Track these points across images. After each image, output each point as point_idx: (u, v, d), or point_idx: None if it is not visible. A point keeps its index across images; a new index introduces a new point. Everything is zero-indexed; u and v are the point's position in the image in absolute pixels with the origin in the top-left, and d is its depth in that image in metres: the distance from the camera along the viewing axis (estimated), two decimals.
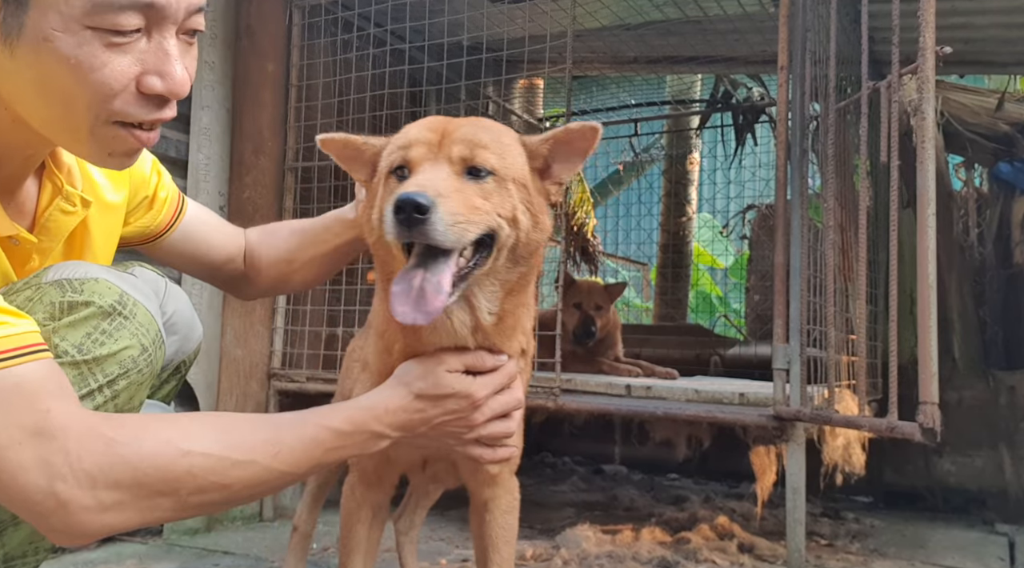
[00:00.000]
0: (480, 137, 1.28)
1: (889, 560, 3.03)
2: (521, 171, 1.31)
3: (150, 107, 1.15)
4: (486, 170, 1.25)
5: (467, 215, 1.18)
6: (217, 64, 3.30)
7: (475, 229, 1.20)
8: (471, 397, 1.32)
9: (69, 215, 1.35)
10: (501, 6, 3.61)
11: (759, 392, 3.05)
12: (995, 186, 4.45)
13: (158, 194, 1.66)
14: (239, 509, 3.29)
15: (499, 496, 1.55)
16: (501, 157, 1.28)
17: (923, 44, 2.19)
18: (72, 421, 1.04)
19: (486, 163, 1.25)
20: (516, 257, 1.31)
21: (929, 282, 2.16)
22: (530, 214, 1.30)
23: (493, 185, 1.25)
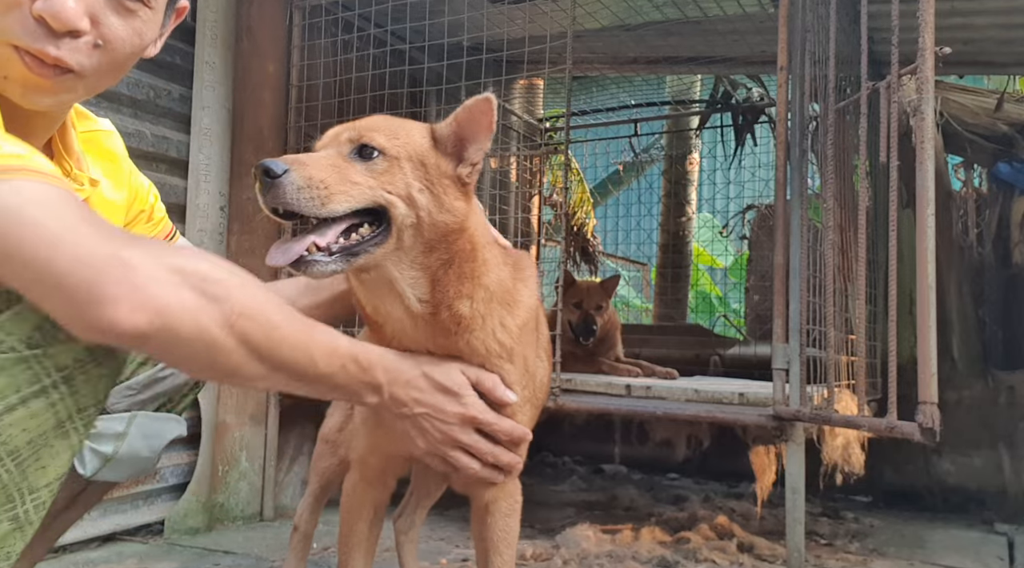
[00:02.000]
0: (374, 122, 1.35)
1: (888, 560, 3.03)
2: (418, 150, 1.33)
3: (37, 35, 1.13)
4: (375, 149, 1.30)
5: (332, 185, 1.23)
6: (217, 64, 3.31)
7: (344, 199, 1.25)
8: (465, 408, 1.31)
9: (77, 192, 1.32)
10: (501, 7, 3.62)
11: (759, 392, 3.05)
12: (994, 186, 4.46)
13: (155, 212, 1.69)
14: (240, 509, 3.29)
15: (500, 499, 1.54)
16: (392, 137, 1.32)
17: (922, 44, 2.20)
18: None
19: (372, 141, 1.30)
20: (426, 240, 1.32)
21: (928, 282, 2.16)
22: (430, 193, 1.31)
23: (383, 164, 1.30)
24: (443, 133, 1.37)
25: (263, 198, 1.23)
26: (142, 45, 1.27)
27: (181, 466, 3.23)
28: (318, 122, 3.46)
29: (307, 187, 1.21)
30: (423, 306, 1.34)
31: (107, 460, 1.53)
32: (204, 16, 3.28)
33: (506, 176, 5.20)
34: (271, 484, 3.41)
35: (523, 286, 1.47)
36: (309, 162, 1.25)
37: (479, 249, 1.38)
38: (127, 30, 1.21)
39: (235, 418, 3.29)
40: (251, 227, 3.30)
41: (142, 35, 1.25)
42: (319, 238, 1.24)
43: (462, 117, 1.35)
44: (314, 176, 1.22)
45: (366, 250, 1.28)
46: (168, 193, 3.21)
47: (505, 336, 1.41)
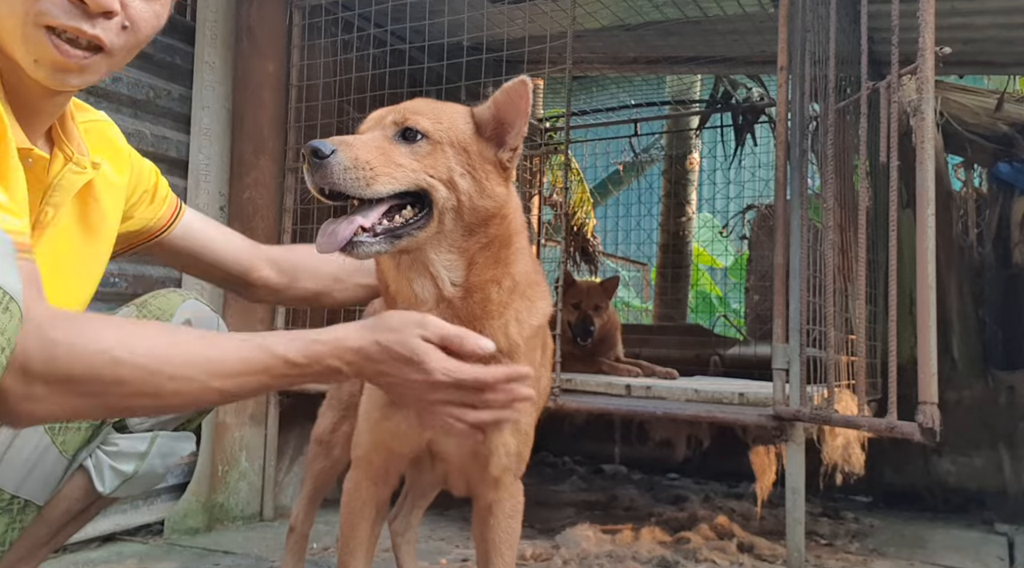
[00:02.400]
0: (418, 106, 1.37)
1: (888, 560, 3.03)
2: (460, 135, 1.34)
3: (73, 14, 1.19)
4: (418, 133, 1.31)
5: (378, 166, 1.26)
6: (218, 64, 3.31)
7: (388, 181, 1.27)
8: (428, 375, 1.23)
9: (79, 174, 1.39)
10: (501, 7, 3.62)
11: (759, 392, 3.05)
12: (994, 186, 4.46)
13: (158, 190, 1.70)
14: (239, 509, 3.29)
15: (503, 500, 1.53)
16: (436, 121, 1.33)
17: (922, 44, 2.20)
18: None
19: (417, 125, 1.31)
20: (466, 224, 1.33)
21: (928, 282, 2.16)
22: (471, 178, 1.33)
23: (427, 147, 1.31)
24: (484, 117, 1.37)
25: (311, 178, 1.26)
26: (159, 26, 1.37)
27: (181, 466, 3.23)
28: (318, 122, 3.46)
29: (353, 168, 1.24)
30: (456, 289, 1.35)
31: (127, 479, 1.56)
32: (204, 16, 3.28)
33: None
34: (271, 484, 3.41)
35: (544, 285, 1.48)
36: (356, 143, 1.27)
37: (515, 236, 1.39)
38: (150, 12, 1.32)
39: (235, 418, 3.29)
40: (251, 226, 3.30)
41: (160, 17, 1.36)
42: (363, 220, 1.26)
43: (501, 100, 1.35)
44: (360, 157, 1.25)
45: (409, 233, 1.30)
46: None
47: (517, 332, 1.39)
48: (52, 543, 1.57)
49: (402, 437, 1.46)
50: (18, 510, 1.47)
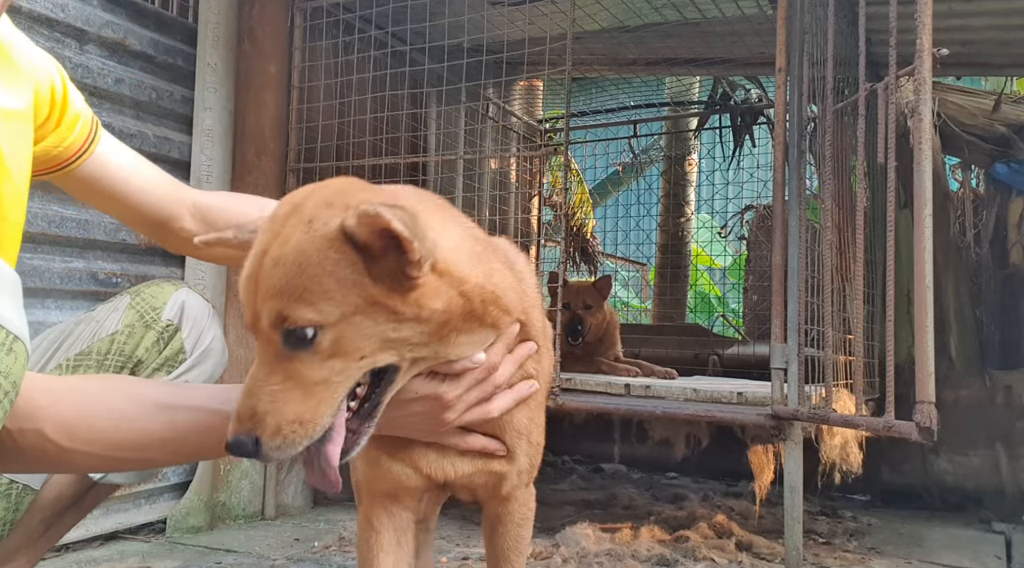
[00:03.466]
0: (289, 285, 0.99)
1: (886, 558, 3.05)
2: (360, 293, 1.01)
3: None
4: (309, 330, 1.00)
5: (303, 412, 1.01)
6: (219, 66, 3.32)
7: (325, 413, 1.03)
8: (439, 399, 1.18)
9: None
10: (501, 9, 3.63)
11: (757, 391, 3.07)
12: (992, 187, 4.47)
13: (69, 101, 1.39)
14: (241, 508, 3.31)
15: (513, 510, 1.47)
16: (321, 300, 0.99)
17: (920, 46, 2.21)
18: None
19: (300, 322, 0.99)
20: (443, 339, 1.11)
21: (926, 282, 2.18)
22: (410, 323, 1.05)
23: (328, 339, 1.00)
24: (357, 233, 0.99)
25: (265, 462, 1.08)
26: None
27: (183, 465, 3.24)
28: (319, 123, 3.48)
29: (287, 442, 1.01)
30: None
31: None
32: (206, 18, 3.29)
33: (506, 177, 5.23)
34: (272, 483, 3.42)
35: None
36: (262, 406, 1.01)
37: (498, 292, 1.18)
38: None
39: None
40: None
41: None
42: (333, 445, 1.07)
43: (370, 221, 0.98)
44: (281, 425, 1.00)
45: (379, 401, 1.10)
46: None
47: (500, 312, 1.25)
48: (48, 535, 1.57)
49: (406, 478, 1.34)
50: (16, 495, 1.47)
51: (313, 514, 3.52)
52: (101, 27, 2.93)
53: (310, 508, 3.61)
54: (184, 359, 1.62)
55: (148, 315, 1.61)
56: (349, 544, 2.98)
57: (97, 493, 1.63)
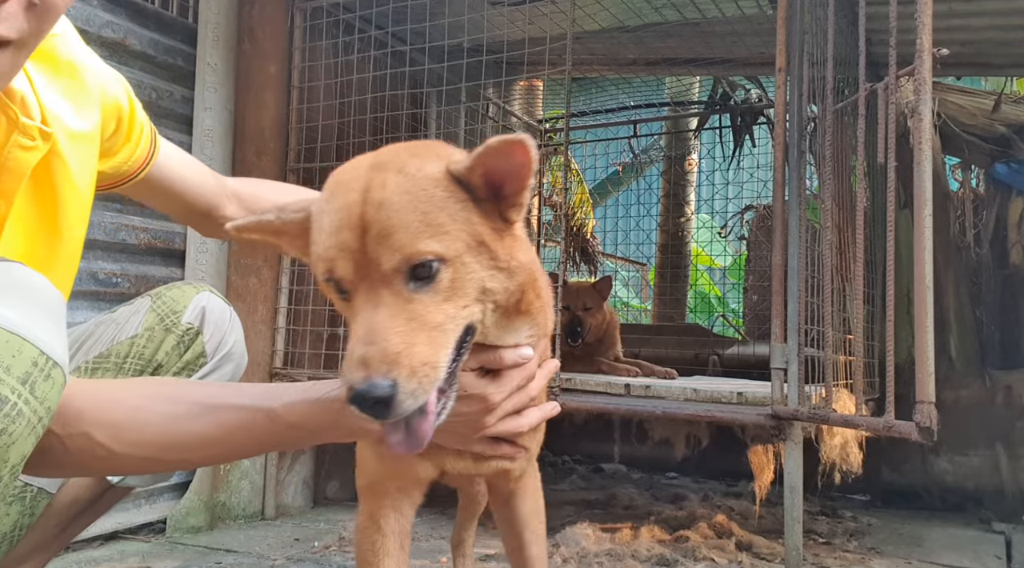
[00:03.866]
0: (407, 223, 0.98)
1: (886, 558, 3.05)
2: (469, 230, 1.02)
3: None
4: (432, 264, 0.99)
5: (430, 355, 0.97)
6: (219, 66, 3.32)
7: (444, 355, 0.99)
8: (486, 400, 1.17)
9: (29, 151, 1.16)
10: (501, 9, 3.63)
11: (757, 391, 3.07)
12: (992, 187, 4.47)
13: (136, 117, 1.47)
14: (241, 508, 3.31)
15: (528, 484, 1.49)
16: (440, 234, 0.99)
17: (920, 46, 2.21)
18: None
19: (425, 256, 0.98)
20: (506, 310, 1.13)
21: (926, 282, 2.18)
22: (501, 273, 1.06)
23: (447, 277, 1.00)
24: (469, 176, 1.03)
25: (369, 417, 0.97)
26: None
27: None
28: (319, 123, 3.48)
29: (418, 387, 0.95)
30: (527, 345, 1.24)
31: None
32: (206, 18, 3.29)
33: None
34: (272, 483, 3.43)
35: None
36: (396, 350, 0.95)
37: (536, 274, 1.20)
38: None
39: None
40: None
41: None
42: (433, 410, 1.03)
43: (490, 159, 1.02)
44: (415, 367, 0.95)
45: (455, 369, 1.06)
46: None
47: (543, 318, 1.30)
48: (62, 537, 1.57)
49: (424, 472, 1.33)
50: (31, 498, 1.47)
51: (313, 514, 3.52)
52: (101, 27, 2.93)
53: (310, 508, 3.61)
54: (205, 363, 1.62)
55: (168, 319, 1.61)
56: (349, 544, 2.98)
57: (113, 495, 1.63)
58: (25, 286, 0.94)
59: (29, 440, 0.91)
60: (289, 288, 3.48)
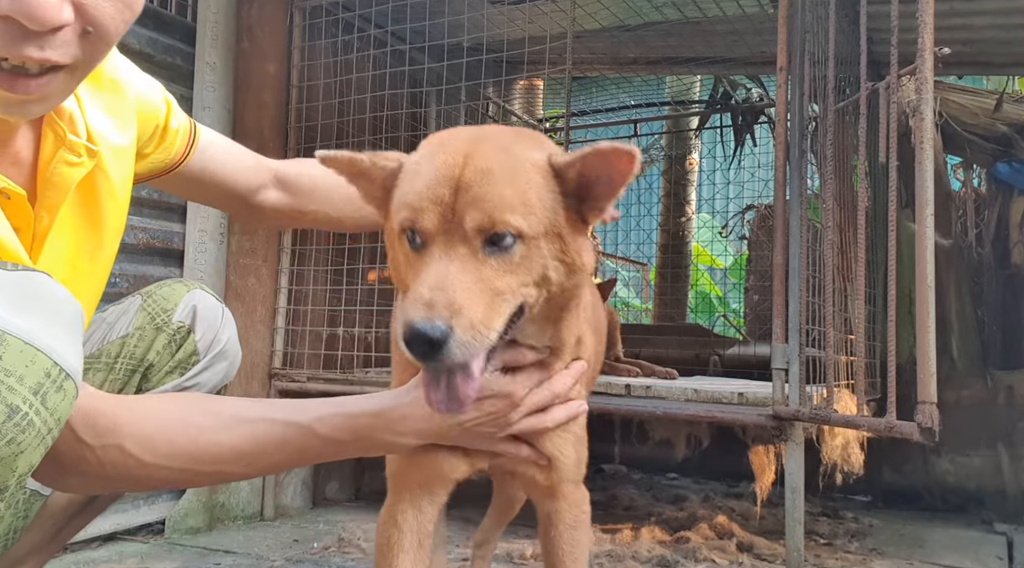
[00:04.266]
0: (502, 194, 1.05)
1: (888, 559, 3.04)
2: (552, 218, 1.09)
3: (13, 39, 0.95)
4: (510, 236, 1.05)
5: (487, 317, 1.02)
6: (218, 65, 3.31)
7: (499, 322, 1.04)
8: (511, 396, 1.20)
9: (75, 167, 1.20)
10: (501, 8, 3.62)
11: (758, 392, 3.06)
12: (993, 187, 4.46)
13: (169, 125, 1.51)
14: (240, 509, 3.30)
15: (562, 510, 1.41)
16: (528, 212, 1.06)
17: (922, 45, 2.20)
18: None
19: (509, 227, 1.04)
20: (552, 306, 1.17)
21: (927, 282, 2.17)
22: (563, 265, 1.11)
23: (519, 252, 1.06)
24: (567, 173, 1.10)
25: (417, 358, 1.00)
26: (133, 16, 1.09)
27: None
28: (318, 122, 3.47)
29: (471, 340, 1.00)
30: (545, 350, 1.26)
31: None
32: (205, 16, 3.28)
33: None
34: (271, 484, 3.42)
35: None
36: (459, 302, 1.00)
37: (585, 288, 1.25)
38: (116, 6, 1.03)
39: None
40: (251, 227, 3.30)
41: (131, 5, 1.07)
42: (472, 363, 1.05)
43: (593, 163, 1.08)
44: (472, 323, 1.00)
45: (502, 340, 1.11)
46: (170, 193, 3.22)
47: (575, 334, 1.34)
48: (59, 538, 1.56)
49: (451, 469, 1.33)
50: (24, 501, 1.46)
51: (312, 515, 3.51)
52: None
53: (309, 509, 3.60)
54: (197, 361, 1.60)
55: (159, 317, 1.60)
56: (348, 545, 2.97)
57: (107, 497, 1.62)
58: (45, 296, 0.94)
59: (38, 450, 0.91)
60: (288, 288, 3.47)
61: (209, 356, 1.61)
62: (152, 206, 3.11)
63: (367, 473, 3.99)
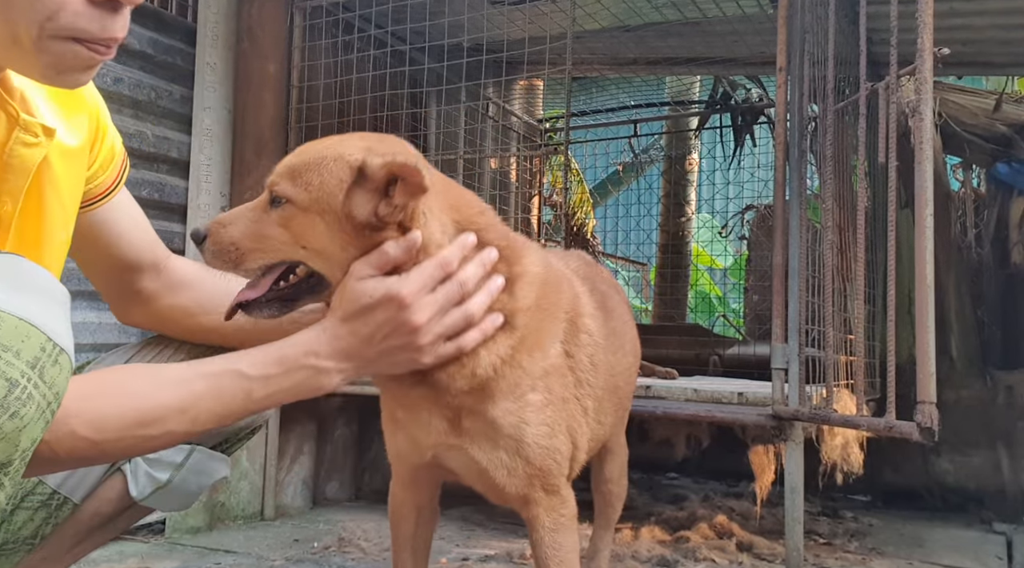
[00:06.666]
0: (288, 163, 1.27)
1: (887, 559, 3.04)
2: (332, 199, 1.21)
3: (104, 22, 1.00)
4: (282, 198, 1.24)
5: (244, 244, 1.25)
6: (219, 65, 3.32)
7: (257, 258, 1.26)
8: (395, 297, 1.20)
9: (32, 147, 1.15)
10: (501, 8, 3.63)
11: (758, 392, 3.06)
12: (993, 187, 4.47)
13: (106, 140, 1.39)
14: (240, 509, 3.30)
15: (539, 515, 1.42)
16: (300, 186, 1.22)
17: (921, 45, 2.21)
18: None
19: (279, 191, 1.24)
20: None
21: (927, 282, 2.17)
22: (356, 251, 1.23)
23: (291, 212, 1.23)
24: (375, 173, 1.20)
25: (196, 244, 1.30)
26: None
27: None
28: (319, 123, 3.47)
29: (220, 252, 1.26)
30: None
31: (159, 487, 1.53)
32: (205, 17, 3.29)
33: (506, 176, 5.22)
34: (272, 484, 3.42)
35: None
36: (228, 222, 1.27)
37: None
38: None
39: None
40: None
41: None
42: (250, 291, 1.28)
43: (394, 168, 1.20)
44: (224, 239, 1.26)
45: (302, 297, 1.29)
46: (170, 193, 3.23)
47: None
48: (75, 551, 1.53)
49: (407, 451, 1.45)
50: (56, 506, 1.46)
51: (312, 515, 3.52)
52: None
53: (309, 509, 3.61)
54: None
55: None
56: (348, 544, 2.98)
57: (132, 514, 1.60)
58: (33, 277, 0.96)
59: (39, 425, 0.92)
60: None
61: None
62: (152, 206, 3.11)
63: (367, 473, 3.99)
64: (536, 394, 1.36)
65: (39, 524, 1.44)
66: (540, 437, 1.36)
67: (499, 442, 1.35)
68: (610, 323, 1.69)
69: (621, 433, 2.20)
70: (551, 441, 1.38)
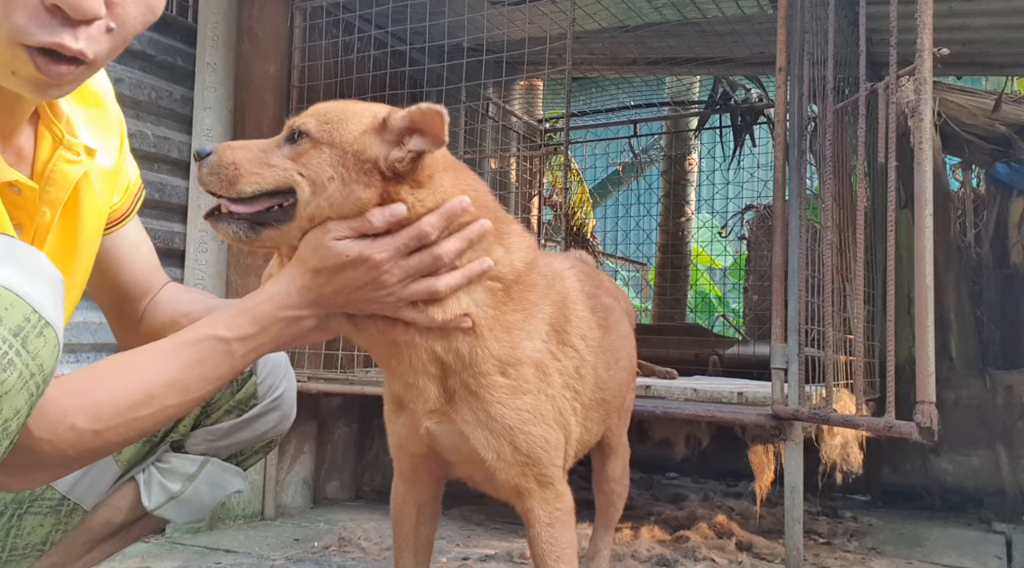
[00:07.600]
0: (320, 107, 1.34)
1: (887, 558, 3.05)
2: (346, 138, 1.27)
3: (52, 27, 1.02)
4: (302, 132, 1.29)
5: (244, 167, 1.27)
6: (219, 65, 3.32)
7: (253, 181, 1.27)
8: (368, 260, 1.23)
9: (73, 164, 1.25)
10: (501, 8, 3.63)
11: (757, 391, 3.07)
12: (992, 187, 4.47)
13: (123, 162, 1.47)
14: (240, 508, 3.31)
15: (534, 509, 1.43)
16: (324, 122, 1.29)
17: (921, 45, 2.21)
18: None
19: (302, 125, 1.29)
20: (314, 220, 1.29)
21: (926, 282, 2.18)
22: (341, 184, 1.25)
23: (304, 145, 1.28)
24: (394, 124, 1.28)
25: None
26: (151, 20, 1.18)
27: None
28: None
29: (219, 168, 1.27)
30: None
31: (172, 497, 1.53)
32: (206, 17, 3.29)
33: (506, 176, 5.22)
34: (272, 483, 3.42)
35: None
36: (236, 146, 1.31)
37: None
38: (140, 8, 1.13)
39: None
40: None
41: (153, 9, 1.16)
42: (234, 205, 1.29)
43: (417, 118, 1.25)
44: (226, 159, 1.27)
45: (269, 223, 1.29)
46: (170, 193, 3.23)
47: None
48: (85, 559, 1.52)
49: (405, 437, 1.47)
50: (66, 512, 1.46)
51: (313, 514, 3.52)
52: None
53: (310, 508, 3.61)
54: (255, 404, 1.58)
55: None
56: (348, 544, 2.98)
57: (144, 524, 1.59)
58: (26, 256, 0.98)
59: (22, 395, 0.92)
60: None
61: (266, 401, 1.59)
62: (153, 206, 3.11)
63: (367, 473, 4.00)
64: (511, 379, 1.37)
65: (48, 530, 1.44)
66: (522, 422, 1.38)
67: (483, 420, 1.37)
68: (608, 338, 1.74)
69: (623, 433, 2.21)
70: (534, 428, 1.39)
